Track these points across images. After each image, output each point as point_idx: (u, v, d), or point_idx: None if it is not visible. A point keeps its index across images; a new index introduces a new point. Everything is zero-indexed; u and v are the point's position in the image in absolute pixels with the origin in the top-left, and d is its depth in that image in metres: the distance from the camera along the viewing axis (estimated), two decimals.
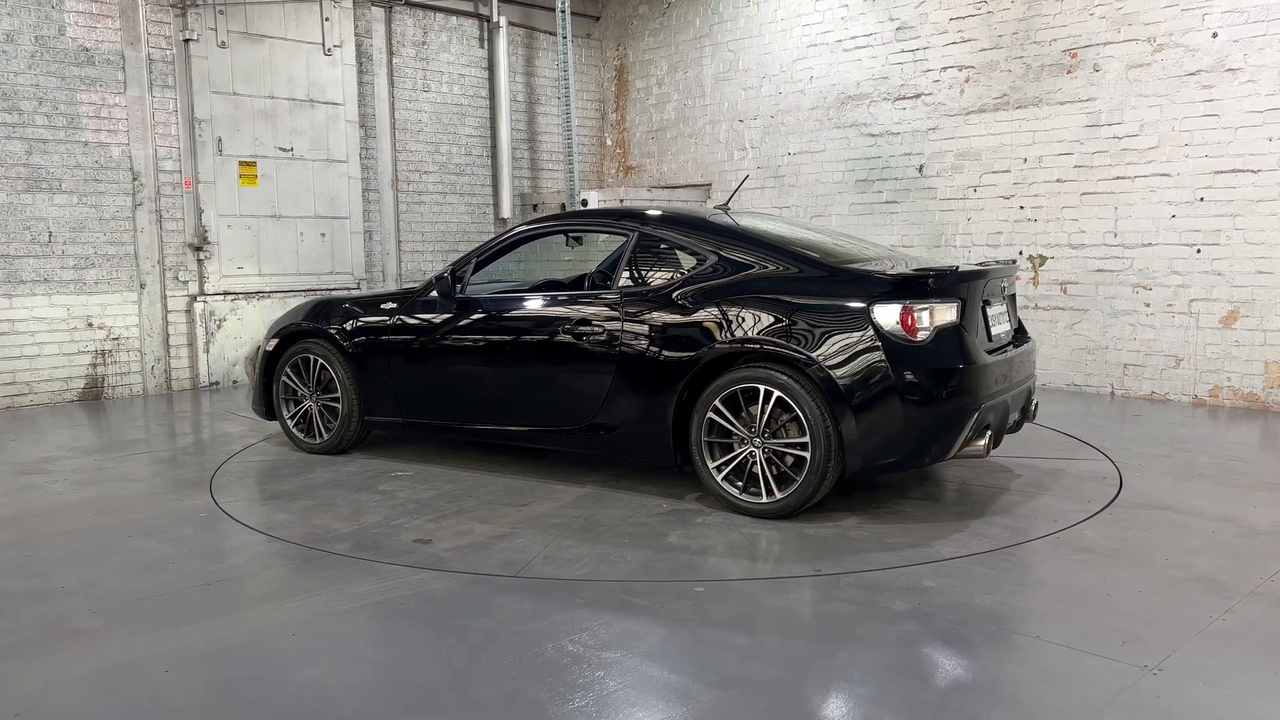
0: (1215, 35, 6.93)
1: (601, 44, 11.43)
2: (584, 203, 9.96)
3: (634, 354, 4.72)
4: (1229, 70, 6.89)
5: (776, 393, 4.31)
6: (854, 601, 3.47)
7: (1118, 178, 7.48)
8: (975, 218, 8.30)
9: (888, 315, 4.23)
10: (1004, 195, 8.11)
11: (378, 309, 5.62)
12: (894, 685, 2.87)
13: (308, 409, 5.88)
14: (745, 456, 4.44)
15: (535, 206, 10.75)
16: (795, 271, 4.51)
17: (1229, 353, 7.07)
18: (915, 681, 2.89)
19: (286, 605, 3.51)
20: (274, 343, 5.98)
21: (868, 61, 8.91)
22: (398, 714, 2.74)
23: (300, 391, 5.90)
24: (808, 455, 4.27)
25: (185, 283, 8.40)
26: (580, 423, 4.94)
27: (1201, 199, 7.09)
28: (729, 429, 4.46)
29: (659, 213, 5.09)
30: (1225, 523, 4.33)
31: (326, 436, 5.81)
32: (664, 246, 5.00)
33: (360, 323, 5.64)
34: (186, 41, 8.21)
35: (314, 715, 2.73)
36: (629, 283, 4.93)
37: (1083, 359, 7.80)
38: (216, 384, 8.53)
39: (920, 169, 8.61)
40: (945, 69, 8.38)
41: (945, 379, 4.20)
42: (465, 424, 5.38)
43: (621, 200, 9.94)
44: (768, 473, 4.39)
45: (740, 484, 4.48)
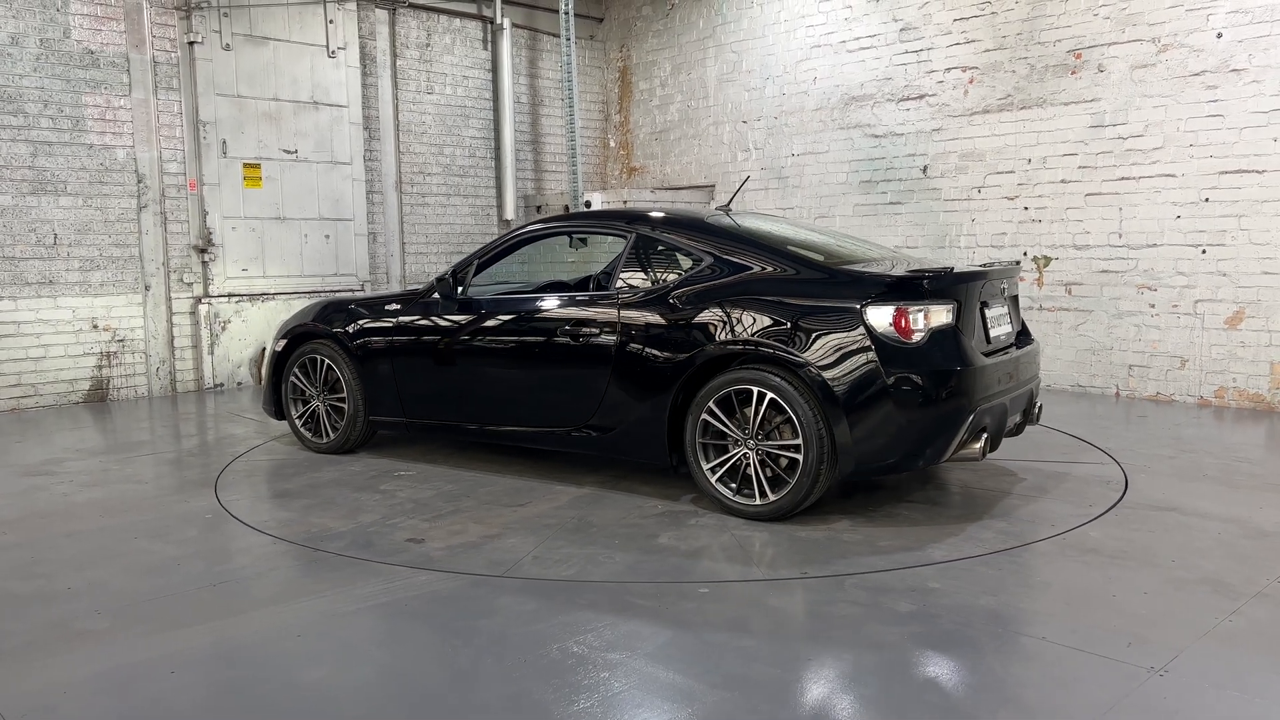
0: (1220, 35, 6.92)
1: (605, 45, 11.43)
2: (587, 204, 9.96)
3: (630, 355, 4.72)
4: (1234, 71, 6.88)
5: (770, 394, 4.30)
6: (858, 603, 3.47)
7: (1122, 178, 7.46)
8: (979, 219, 8.29)
9: (880, 317, 4.20)
10: (1008, 196, 8.10)
11: (382, 310, 5.66)
12: (899, 687, 2.86)
13: (315, 409, 5.92)
14: (739, 458, 4.44)
15: (539, 208, 10.75)
16: (792, 273, 4.50)
17: (1234, 353, 7.05)
18: (920, 683, 2.89)
19: (291, 606, 3.51)
20: (283, 343, 6.04)
21: (871, 62, 8.91)
22: (402, 715, 2.74)
23: (308, 391, 5.94)
24: (800, 457, 4.26)
25: (190, 285, 8.42)
26: (578, 423, 4.95)
27: (1206, 199, 7.08)
28: (723, 430, 4.46)
29: (656, 214, 5.09)
30: (1231, 524, 4.32)
31: (333, 436, 5.85)
32: (661, 248, 5.00)
33: (364, 324, 5.68)
34: (191, 44, 8.22)
35: (319, 717, 2.73)
36: (626, 284, 4.93)
37: (1087, 360, 7.79)
38: (221, 386, 8.55)
39: (924, 170, 8.60)
40: (949, 70, 8.37)
41: (939, 381, 4.17)
42: (466, 424, 5.40)
43: (625, 202, 9.94)
44: (761, 475, 4.38)
45: (734, 485, 4.47)
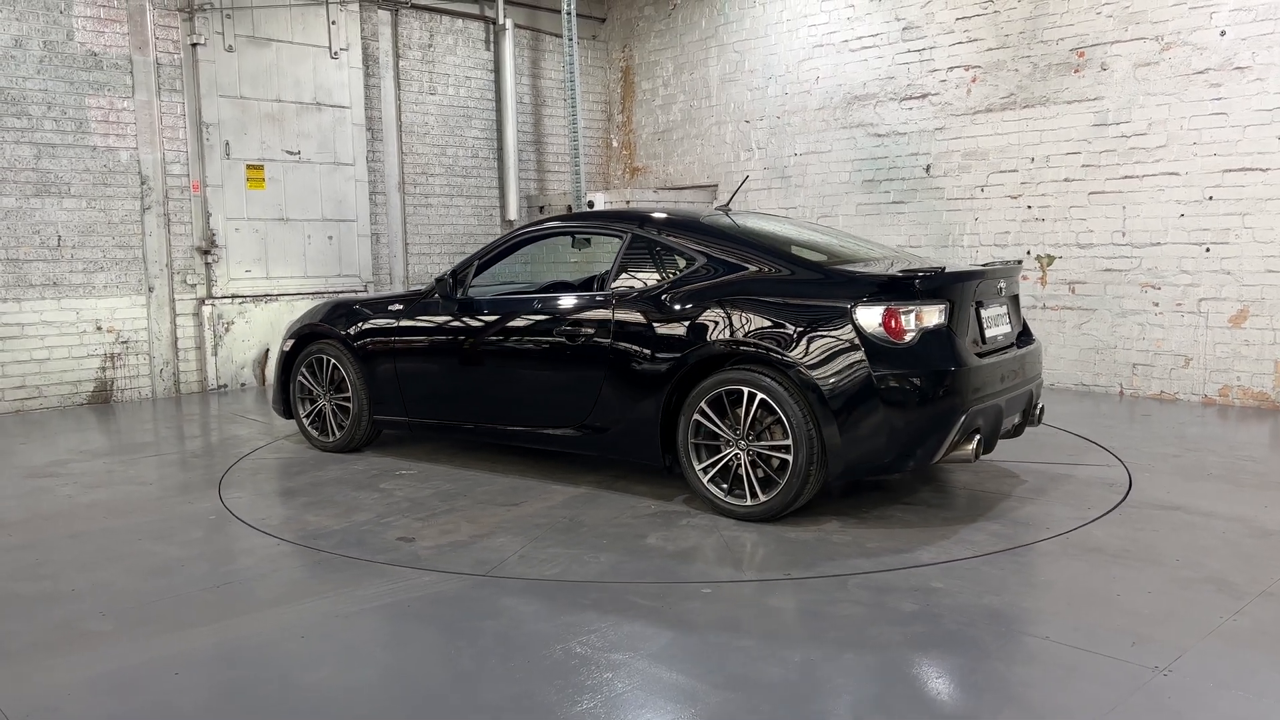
0: (1223, 33, 6.91)
1: (607, 45, 11.43)
2: (590, 204, 9.96)
3: (624, 355, 4.72)
4: (1237, 68, 6.87)
5: (760, 395, 4.29)
6: (861, 603, 3.47)
7: (1126, 177, 7.45)
8: (983, 217, 8.28)
9: (870, 317, 4.18)
10: (1011, 195, 8.09)
11: (384, 311, 5.71)
12: (902, 686, 2.86)
13: (322, 408, 5.98)
14: (731, 459, 4.43)
15: (542, 208, 10.75)
16: (786, 274, 4.48)
17: (1239, 352, 7.04)
18: (924, 683, 2.89)
19: (295, 608, 3.52)
20: (290, 343, 6.10)
21: (874, 62, 8.90)
22: (405, 716, 2.74)
23: (315, 391, 6.00)
24: (790, 458, 4.25)
25: (193, 286, 8.43)
26: (574, 423, 4.95)
27: (1210, 198, 7.07)
28: (715, 431, 4.45)
29: (652, 214, 5.08)
30: (1235, 523, 4.31)
31: (339, 435, 5.91)
32: (657, 248, 4.98)
33: (368, 324, 5.72)
34: (194, 46, 8.24)
35: (322, 718, 2.73)
36: (622, 284, 4.93)
37: (1091, 359, 7.78)
38: (225, 387, 8.56)
39: (927, 169, 8.59)
40: (952, 69, 8.36)
41: (929, 382, 4.14)
42: (465, 424, 5.42)
43: (628, 202, 9.94)
44: (752, 475, 4.37)
45: (726, 486, 4.46)
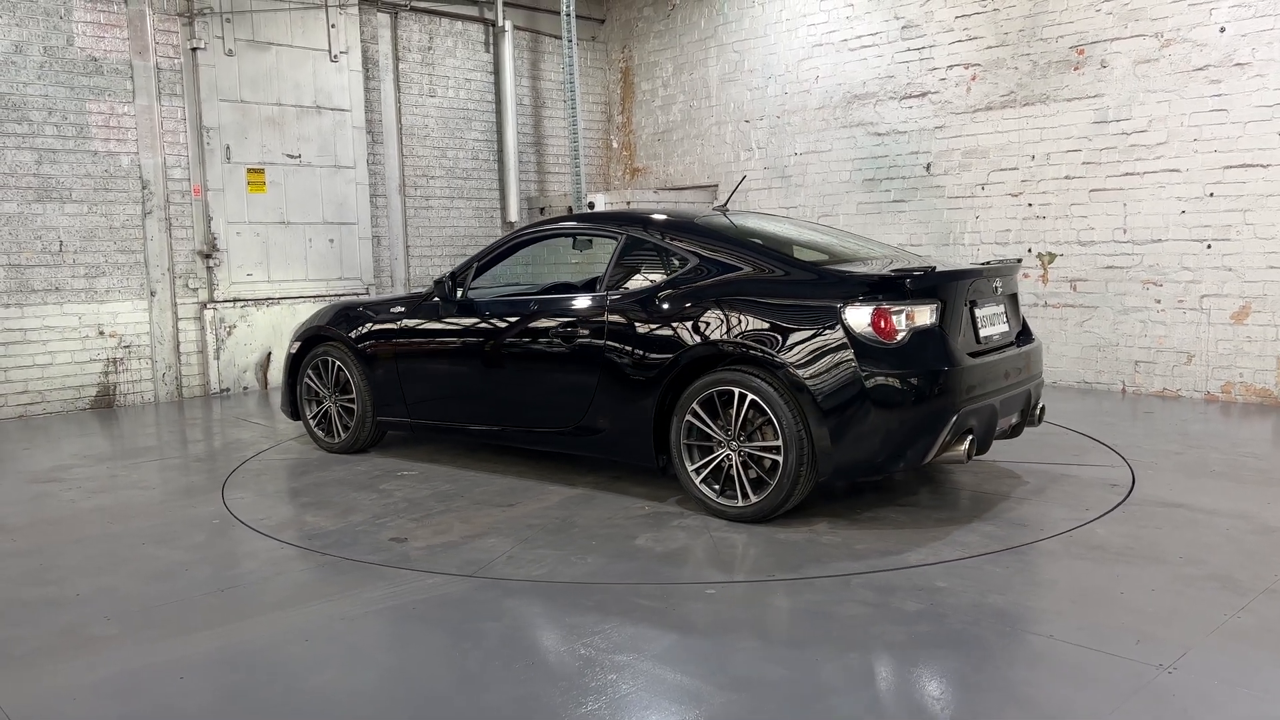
0: (1223, 30, 6.90)
1: (607, 47, 11.44)
2: (590, 205, 9.95)
3: (617, 356, 4.72)
4: (1237, 65, 6.86)
5: (751, 396, 4.29)
6: (866, 602, 3.46)
7: (1126, 174, 7.45)
8: (984, 215, 8.28)
9: (859, 317, 4.15)
10: (1012, 193, 8.08)
11: (386, 313, 5.76)
12: (907, 686, 2.86)
13: (328, 409, 6.03)
14: (723, 460, 4.43)
15: (542, 210, 10.75)
16: (780, 274, 4.46)
17: (1241, 348, 7.03)
18: (928, 682, 2.89)
19: (299, 611, 3.52)
20: (297, 345, 6.16)
21: (873, 60, 8.90)
22: (409, 719, 2.74)
23: (321, 393, 6.06)
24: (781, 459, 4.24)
25: (195, 290, 8.43)
26: (570, 424, 4.96)
27: (1211, 194, 7.06)
28: (707, 432, 4.45)
29: (647, 215, 5.08)
30: (1239, 520, 4.31)
31: (344, 436, 5.97)
32: (652, 249, 4.97)
33: (371, 326, 5.77)
34: (194, 50, 8.24)
35: None
36: (616, 286, 4.94)
37: (1093, 356, 7.77)
38: (227, 390, 8.57)
39: (928, 167, 8.59)
40: (951, 67, 8.36)
41: (919, 382, 4.12)
42: (465, 425, 5.45)
43: (628, 202, 9.94)
44: (744, 476, 4.37)
45: (718, 487, 4.46)
